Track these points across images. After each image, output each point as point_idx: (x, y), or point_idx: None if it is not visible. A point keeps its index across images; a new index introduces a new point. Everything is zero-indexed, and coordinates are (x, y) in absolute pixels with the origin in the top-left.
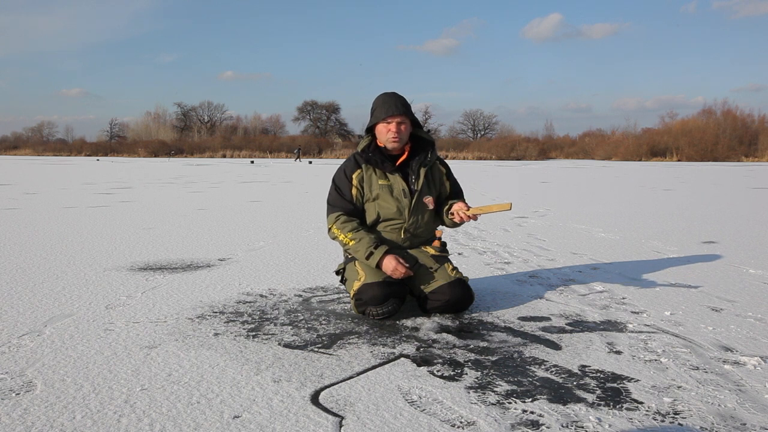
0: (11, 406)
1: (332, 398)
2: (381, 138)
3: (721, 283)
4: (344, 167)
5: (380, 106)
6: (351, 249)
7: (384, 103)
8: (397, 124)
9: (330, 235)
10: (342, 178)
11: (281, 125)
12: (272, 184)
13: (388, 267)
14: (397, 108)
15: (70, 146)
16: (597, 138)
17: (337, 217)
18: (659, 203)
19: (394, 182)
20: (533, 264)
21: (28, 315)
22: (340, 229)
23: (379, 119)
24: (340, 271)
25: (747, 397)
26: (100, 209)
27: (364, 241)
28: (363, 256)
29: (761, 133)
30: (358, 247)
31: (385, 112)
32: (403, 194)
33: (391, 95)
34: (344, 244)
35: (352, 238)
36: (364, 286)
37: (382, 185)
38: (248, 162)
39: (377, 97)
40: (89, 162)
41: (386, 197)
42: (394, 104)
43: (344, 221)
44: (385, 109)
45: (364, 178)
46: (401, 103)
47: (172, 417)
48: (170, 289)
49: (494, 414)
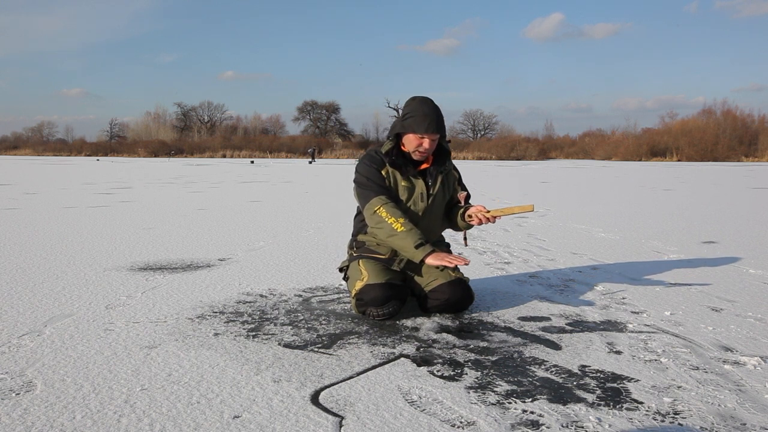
0: (11, 406)
1: (332, 398)
2: (408, 146)
3: (721, 283)
4: (370, 161)
5: (419, 118)
6: (398, 235)
7: (424, 118)
8: (430, 141)
9: (370, 218)
10: (372, 171)
11: (281, 125)
12: (272, 184)
13: (435, 263)
14: (437, 127)
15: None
16: (597, 138)
17: (385, 200)
18: (659, 203)
19: (416, 185)
20: (533, 264)
21: (28, 315)
22: (389, 213)
23: (416, 132)
24: (343, 269)
25: (747, 397)
26: (100, 209)
27: (412, 233)
28: (412, 244)
29: (761, 133)
30: (407, 236)
31: (423, 129)
32: (421, 198)
33: (431, 108)
34: (391, 230)
35: (403, 224)
36: (366, 287)
37: (404, 186)
38: (248, 162)
39: (415, 105)
40: (89, 162)
41: (406, 198)
42: (435, 123)
43: (393, 206)
44: (424, 124)
45: (390, 176)
46: (440, 121)
47: (172, 417)
48: (170, 289)
49: (494, 414)
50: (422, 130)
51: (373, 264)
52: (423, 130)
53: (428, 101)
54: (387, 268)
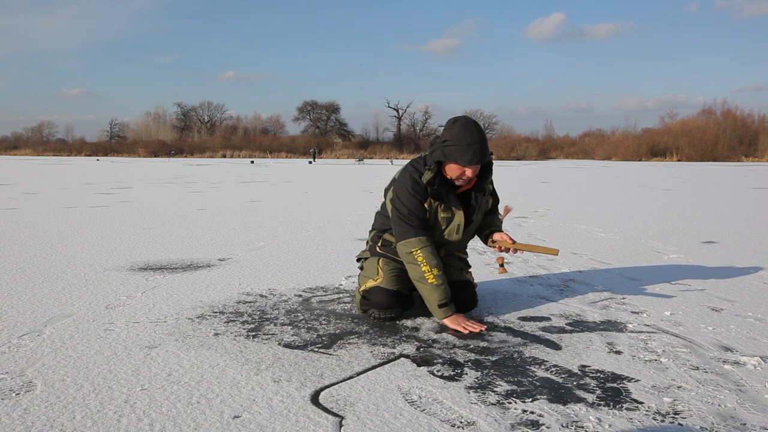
0: (11, 406)
1: (332, 398)
2: (450, 173)
3: (721, 283)
4: (414, 190)
5: (461, 148)
6: (428, 285)
7: (468, 148)
8: (474, 170)
9: (407, 256)
10: (416, 203)
11: (281, 125)
12: (272, 184)
13: (452, 326)
14: (482, 157)
15: (70, 146)
16: (597, 138)
17: (425, 243)
18: (659, 203)
19: (456, 216)
20: (533, 264)
21: (28, 315)
22: (426, 259)
23: (460, 163)
24: (361, 259)
25: (747, 397)
26: (100, 209)
27: (444, 288)
28: (435, 302)
29: (761, 133)
30: (436, 291)
31: (467, 160)
32: (456, 230)
33: (475, 136)
34: (421, 274)
35: (436, 276)
36: (376, 288)
37: (444, 217)
38: (248, 162)
39: (457, 130)
40: (89, 162)
41: (442, 229)
42: (479, 152)
43: (431, 251)
44: (467, 158)
45: (431, 206)
46: (485, 148)
47: (172, 417)
48: (170, 289)
49: (494, 414)
50: (465, 162)
51: (392, 267)
52: (466, 162)
53: (470, 126)
54: (402, 276)
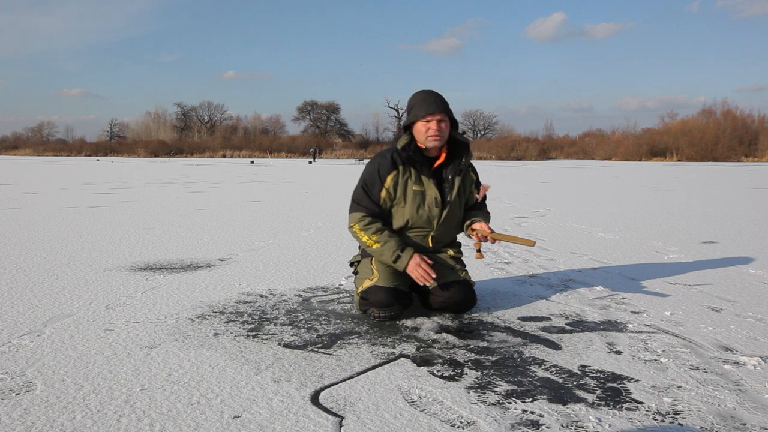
0: (11, 406)
1: (332, 398)
2: (420, 137)
3: (721, 283)
4: (378, 166)
5: (419, 104)
6: (375, 251)
7: (423, 101)
8: (438, 122)
9: (350, 233)
10: (374, 177)
11: (281, 125)
12: (272, 184)
13: (414, 273)
14: (437, 106)
15: (70, 146)
16: (597, 138)
17: (362, 218)
18: (659, 203)
19: (428, 189)
20: (533, 264)
21: (28, 315)
22: (364, 230)
23: (419, 117)
24: (354, 263)
25: (747, 397)
26: (100, 209)
27: (389, 244)
28: (390, 259)
29: (761, 133)
30: (383, 250)
31: (425, 110)
32: (435, 203)
33: (429, 93)
34: (367, 246)
35: (377, 240)
36: (374, 288)
37: (416, 191)
38: (248, 162)
39: (415, 95)
40: (89, 162)
41: (417, 204)
42: (434, 102)
43: (368, 223)
44: (425, 106)
45: (399, 183)
46: (440, 101)
47: (172, 417)
48: (170, 289)
49: (494, 414)
50: (424, 111)
51: (386, 265)
52: (425, 111)
53: (428, 90)
54: (397, 272)
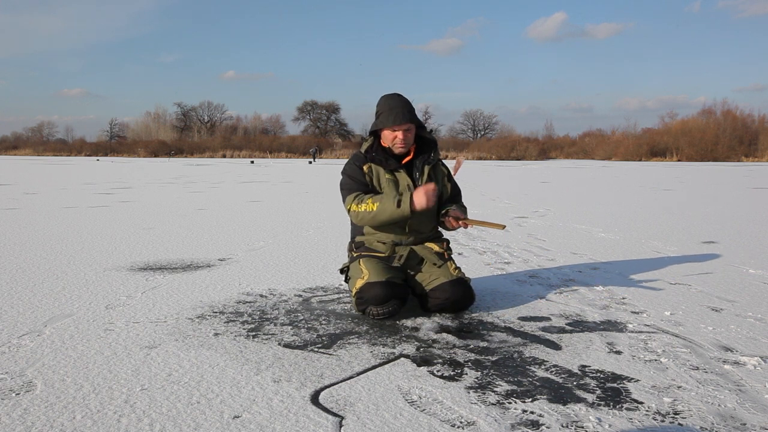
0: (11, 406)
1: (332, 398)
2: (386, 141)
3: (721, 283)
4: (353, 161)
5: (386, 113)
6: (378, 212)
7: (390, 111)
8: (404, 132)
9: (351, 216)
10: (354, 168)
11: (281, 125)
12: (272, 184)
13: (422, 201)
14: (404, 116)
15: (70, 146)
16: (597, 138)
17: (355, 196)
18: (659, 203)
19: (400, 178)
20: (533, 264)
21: (28, 315)
22: (359, 202)
23: (386, 126)
24: (344, 270)
25: (747, 397)
26: (100, 209)
27: (386, 197)
28: (393, 206)
29: (761, 133)
30: (384, 204)
31: (392, 121)
32: (408, 189)
33: (396, 101)
34: (368, 213)
35: (373, 201)
36: (367, 285)
37: (389, 179)
38: (248, 162)
39: (382, 101)
40: (89, 162)
41: (393, 190)
42: (400, 113)
43: (361, 196)
44: (392, 117)
45: (373, 171)
46: (407, 110)
47: (172, 417)
48: (170, 289)
49: (494, 414)
50: (390, 122)
51: (374, 263)
52: (391, 122)
53: (394, 95)
54: (388, 266)
